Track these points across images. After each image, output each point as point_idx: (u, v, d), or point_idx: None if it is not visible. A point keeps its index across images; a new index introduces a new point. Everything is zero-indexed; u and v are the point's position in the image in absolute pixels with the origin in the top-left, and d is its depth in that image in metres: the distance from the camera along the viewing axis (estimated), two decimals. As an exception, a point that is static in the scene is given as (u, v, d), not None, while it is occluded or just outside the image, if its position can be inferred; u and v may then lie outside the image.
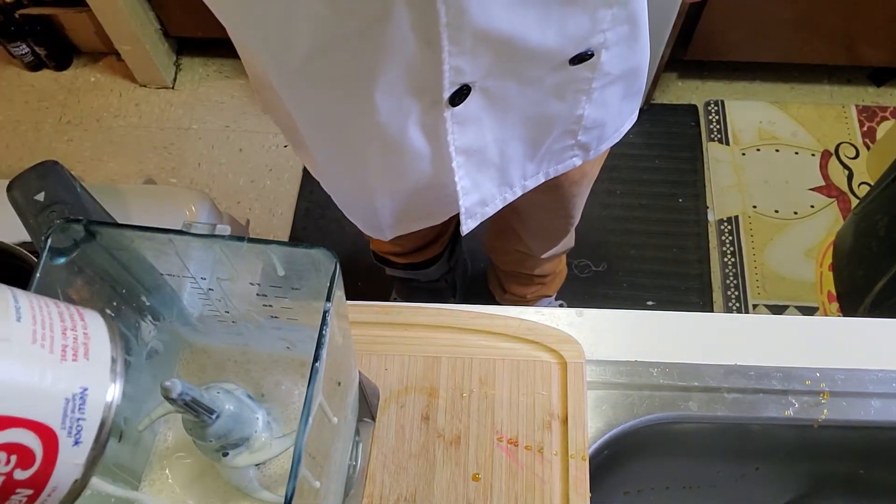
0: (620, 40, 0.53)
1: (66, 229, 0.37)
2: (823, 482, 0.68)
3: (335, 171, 0.65)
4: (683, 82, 1.76)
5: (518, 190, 0.65)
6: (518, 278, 1.22)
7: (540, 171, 0.65)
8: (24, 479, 0.26)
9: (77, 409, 0.26)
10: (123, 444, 0.45)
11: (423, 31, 0.42)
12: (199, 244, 0.38)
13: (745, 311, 1.46)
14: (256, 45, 0.49)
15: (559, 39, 0.49)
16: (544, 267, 1.16)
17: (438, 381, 0.59)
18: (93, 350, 0.28)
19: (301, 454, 0.31)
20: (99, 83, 1.81)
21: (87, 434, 0.27)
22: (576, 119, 0.60)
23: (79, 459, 0.27)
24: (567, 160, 0.66)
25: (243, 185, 1.65)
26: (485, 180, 0.60)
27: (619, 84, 0.60)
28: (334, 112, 0.53)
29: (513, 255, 1.13)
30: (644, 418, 0.58)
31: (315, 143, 0.60)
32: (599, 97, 0.58)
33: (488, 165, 0.59)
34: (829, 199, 1.58)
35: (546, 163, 0.65)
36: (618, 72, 0.57)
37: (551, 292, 1.30)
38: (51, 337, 0.27)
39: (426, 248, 1.13)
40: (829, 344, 0.61)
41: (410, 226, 0.71)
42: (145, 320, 0.46)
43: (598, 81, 0.56)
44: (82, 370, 0.27)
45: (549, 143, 0.61)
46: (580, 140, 0.63)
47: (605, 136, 0.66)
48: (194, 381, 0.48)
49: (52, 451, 0.26)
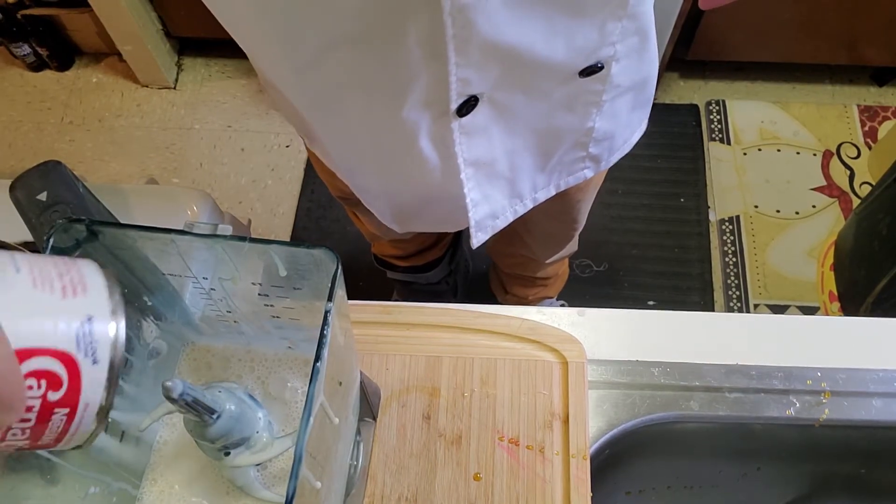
0: (630, 52, 0.53)
1: (69, 229, 0.37)
2: (825, 482, 0.68)
3: (348, 168, 0.65)
4: (685, 82, 1.76)
5: (529, 203, 0.65)
6: (520, 280, 1.22)
7: (551, 184, 0.65)
8: (58, 400, 0.30)
9: (88, 333, 0.31)
10: (125, 443, 0.45)
11: (429, 44, 0.42)
12: (201, 244, 0.38)
13: (746, 310, 1.46)
14: (259, 48, 0.50)
15: (567, 52, 0.48)
16: (547, 270, 1.15)
17: (440, 381, 0.59)
18: (89, 285, 0.32)
19: (302, 454, 0.31)
20: (101, 83, 1.81)
21: (101, 353, 0.31)
22: (586, 131, 0.60)
23: (100, 376, 0.31)
24: (578, 172, 0.66)
25: (245, 185, 1.66)
26: (495, 192, 0.60)
27: (629, 95, 0.59)
28: (342, 118, 0.53)
29: (516, 259, 1.13)
30: (645, 418, 0.58)
31: (327, 141, 0.60)
32: (609, 109, 0.58)
33: (498, 177, 0.59)
34: (830, 199, 1.58)
35: (557, 175, 0.64)
36: (628, 83, 0.57)
37: (553, 294, 1.30)
38: (49, 281, 0.30)
39: (427, 251, 1.13)
40: (830, 343, 0.61)
41: (422, 228, 0.71)
42: (147, 320, 0.46)
43: (609, 93, 0.56)
44: (83, 302, 0.31)
45: (560, 155, 0.61)
46: (591, 152, 0.63)
47: (615, 147, 0.66)
48: (200, 379, 0.49)
49: (75, 373, 0.30)
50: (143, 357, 0.46)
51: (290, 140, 1.71)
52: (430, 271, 1.19)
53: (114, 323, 0.32)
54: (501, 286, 1.32)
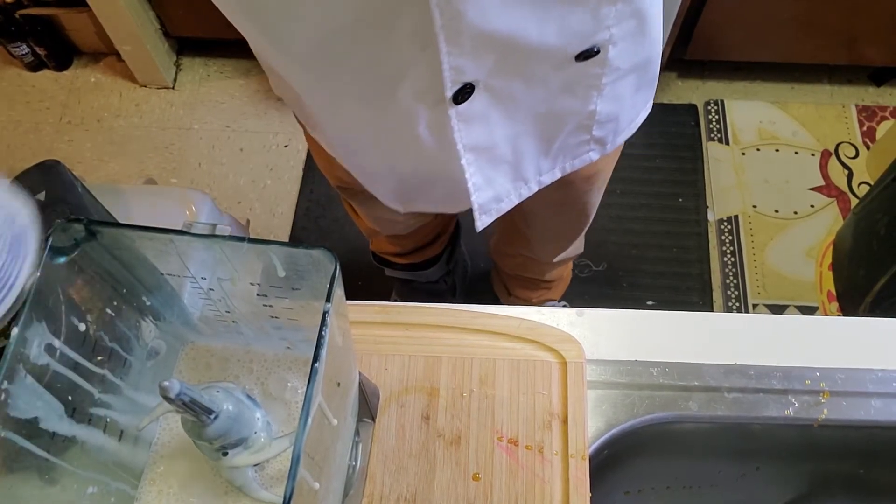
0: (627, 35, 0.53)
1: (67, 229, 0.37)
2: (824, 482, 0.68)
3: (349, 151, 0.65)
4: (683, 82, 1.76)
5: (534, 185, 0.64)
6: (523, 282, 1.22)
7: (556, 167, 0.65)
8: None
9: None
10: (124, 443, 0.45)
11: (420, 35, 0.42)
12: (200, 244, 0.38)
13: (745, 310, 1.46)
14: (256, 39, 0.50)
15: (560, 37, 0.48)
16: (550, 272, 1.15)
17: (439, 381, 0.59)
18: None
19: (300, 455, 0.31)
20: (99, 83, 1.81)
21: None
22: (588, 114, 0.59)
23: None
24: (583, 154, 0.65)
25: (244, 185, 1.65)
26: (498, 176, 0.60)
27: (631, 77, 0.59)
28: (342, 105, 0.53)
29: (518, 260, 1.12)
30: (644, 418, 0.58)
31: (327, 125, 0.60)
32: (611, 91, 0.58)
33: (500, 162, 0.59)
34: (828, 199, 1.58)
35: (561, 158, 0.64)
36: (628, 66, 0.56)
37: (556, 296, 1.30)
38: None
39: (426, 248, 1.13)
40: (829, 343, 0.61)
41: (426, 207, 0.71)
42: (146, 320, 0.46)
43: (609, 76, 0.56)
44: None
45: (563, 138, 0.61)
46: (595, 135, 0.63)
47: (620, 129, 0.65)
48: (199, 379, 0.48)
49: None
50: (141, 357, 0.46)
51: (288, 140, 1.71)
52: (428, 269, 1.19)
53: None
54: (504, 288, 1.31)
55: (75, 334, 0.40)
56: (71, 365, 0.40)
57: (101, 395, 0.43)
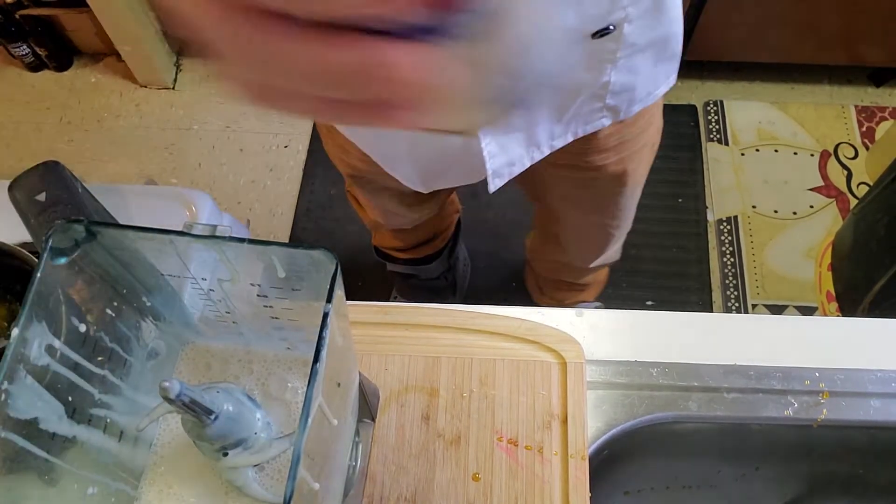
0: (643, 13, 0.53)
1: (67, 229, 0.37)
2: (823, 482, 0.68)
3: (375, 135, 0.65)
4: (682, 82, 1.76)
5: (546, 149, 0.66)
6: (558, 284, 1.22)
7: (568, 132, 0.66)
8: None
9: None
10: (124, 443, 0.45)
11: None
12: (200, 245, 0.38)
13: (744, 310, 1.46)
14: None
15: (577, 19, 0.49)
16: (586, 276, 1.15)
17: (439, 381, 0.59)
18: None
19: (300, 455, 0.31)
20: (99, 84, 1.81)
21: None
22: (602, 85, 0.60)
23: None
24: (595, 121, 0.66)
25: (244, 186, 1.66)
26: (511, 143, 0.62)
27: (649, 52, 0.59)
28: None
29: (553, 265, 1.12)
30: (644, 418, 0.58)
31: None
32: (626, 64, 0.58)
33: (514, 130, 0.60)
34: (828, 200, 1.58)
35: (574, 124, 0.65)
36: (644, 42, 0.57)
37: (590, 298, 1.29)
38: None
39: (427, 243, 1.14)
40: (828, 344, 0.61)
41: (446, 184, 0.73)
42: (146, 321, 0.46)
43: (624, 51, 0.56)
44: None
45: (576, 107, 0.62)
46: (608, 103, 0.64)
47: (636, 98, 0.65)
48: (199, 379, 0.49)
49: None
50: (141, 357, 0.46)
51: (288, 140, 1.71)
52: (429, 264, 1.20)
53: None
54: (538, 287, 1.31)
55: (75, 335, 0.40)
56: (71, 365, 0.40)
57: (101, 396, 0.43)
